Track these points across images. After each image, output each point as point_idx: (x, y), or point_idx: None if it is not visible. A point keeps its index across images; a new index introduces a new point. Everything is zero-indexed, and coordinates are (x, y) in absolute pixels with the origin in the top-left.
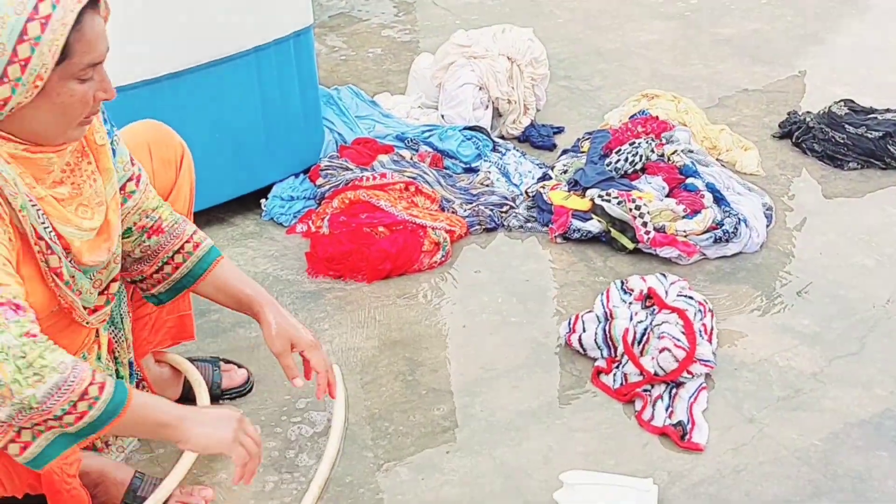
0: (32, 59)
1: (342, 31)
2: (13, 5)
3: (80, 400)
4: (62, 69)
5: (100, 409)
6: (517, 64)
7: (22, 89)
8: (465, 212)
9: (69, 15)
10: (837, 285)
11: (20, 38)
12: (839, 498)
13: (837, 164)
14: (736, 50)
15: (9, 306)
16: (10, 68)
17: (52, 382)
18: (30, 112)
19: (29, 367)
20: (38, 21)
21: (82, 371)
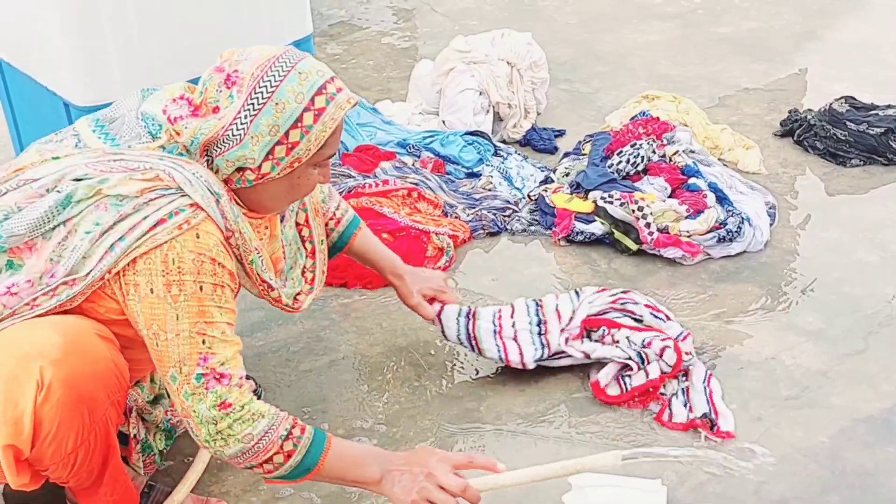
0: (300, 144)
1: (342, 40)
2: (294, 94)
3: (265, 463)
4: (312, 157)
5: (288, 468)
6: (517, 68)
7: (280, 168)
8: (468, 217)
9: (339, 112)
10: (842, 282)
11: (294, 124)
12: (847, 495)
13: (840, 161)
14: (735, 49)
15: (212, 376)
16: (278, 148)
17: (237, 449)
18: (271, 186)
19: (218, 434)
20: (312, 112)
21: (269, 442)
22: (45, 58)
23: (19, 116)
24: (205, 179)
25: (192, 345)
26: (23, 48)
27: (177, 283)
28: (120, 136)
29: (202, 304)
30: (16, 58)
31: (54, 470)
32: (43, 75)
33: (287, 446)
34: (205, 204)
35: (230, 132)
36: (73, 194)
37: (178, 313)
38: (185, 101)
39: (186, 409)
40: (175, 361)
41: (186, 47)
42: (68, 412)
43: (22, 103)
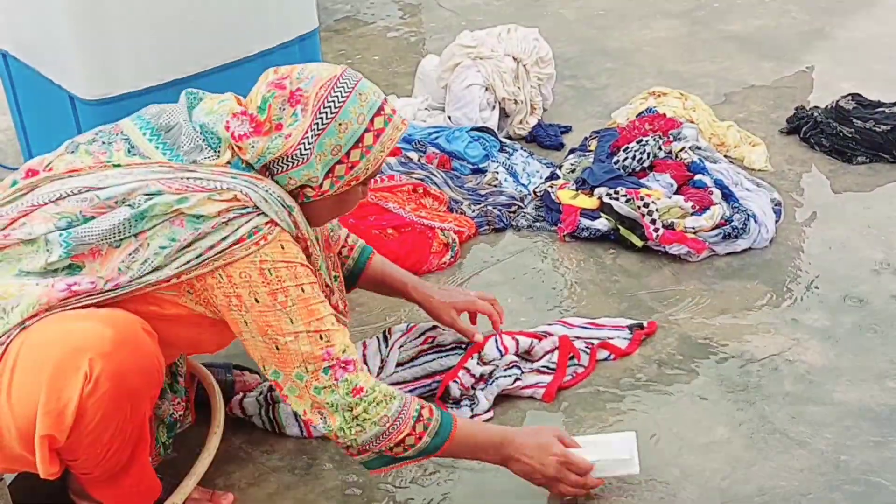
0: (360, 164)
1: (348, 35)
2: (356, 116)
3: (396, 445)
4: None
5: (416, 451)
6: (523, 64)
7: (338, 186)
8: (474, 212)
9: (395, 134)
10: (847, 279)
11: (356, 144)
12: (851, 491)
13: (846, 158)
14: (742, 46)
15: (338, 366)
16: (339, 167)
17: (372, 433)
18: (323, 202)
19: (354, 420)
20: (372, 133)
21: (402, 423)
22: (51, 51)
23: (25, 110)
24: (278, 195)
25: (313, 343)
26: (29, 41)
27: (280, 290)
28: (178, 147)
29: (309, 304)
30: (22, 51)
31: (85, 460)
32: (49, 69)
33: (419, 428)
34: (279, 219)
35: (298, 151)
36: (149, 210)
37: (291, 317)
38: (248, 118)
39: (319, 403)
40: (300, 361)
41: (193, 41)
42: (112, 405)
43: (28, 97)
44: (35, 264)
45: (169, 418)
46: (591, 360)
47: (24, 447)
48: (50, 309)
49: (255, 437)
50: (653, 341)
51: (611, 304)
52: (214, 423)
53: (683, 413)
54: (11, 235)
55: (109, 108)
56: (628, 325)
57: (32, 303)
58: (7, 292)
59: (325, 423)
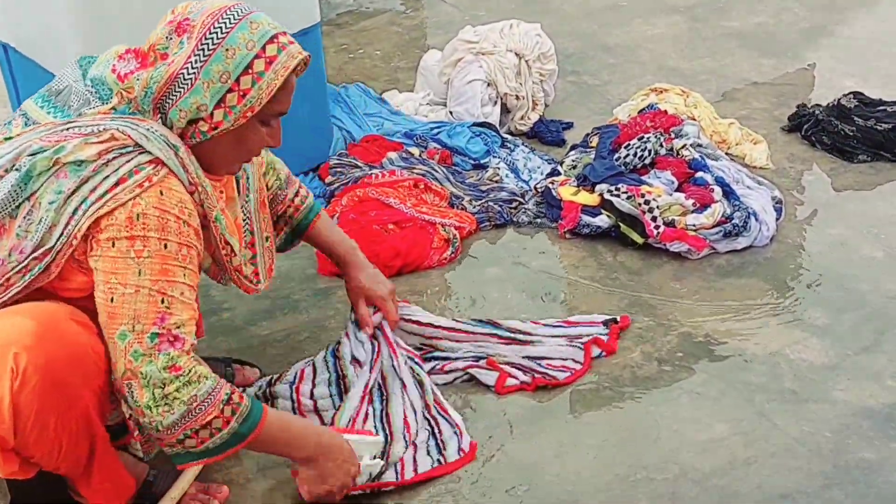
0: (251, 91)
1: (350, 29)
2: (245, 42)
3: (202, 429)
4: (263, 109)
5: (221, 438)
6: (525, 59)
7: (232, 117)
8: (475, 208)
9: (290, 61)
10: (848, 278)
11: (245, 70)
12: (850, 490)
13: (847, 156)
14: (744, 43)
15: (167, 337)
16: (230, 96)
17: (180, 413)
18: (222, 140)
19: (163, 399)
20: (263, 59)
21: (210, 405)
22: (51, 43)
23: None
24: (160, 133)
25: (151, 302)
26: (30, 35)
27: (141, 238)
28: (69, 107)
29: (165, 262)
30: (22, 43)
31: (41, 457)
32: (50, 62)
33: (227, 411)
34: (165, 157)
35: (181, 77)
36: (32, 169)
37: (141, 269)
38: (132, 55)
39: (133, 370)
40: (129, 318)
41: None
42: (46, 398)
43: (29, 89)
44: None
45: None
46: (586, 358)
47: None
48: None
49: None
50: (653, 339)
51: (611, 301)
52: None
53: (683, 410)
54: None
55: None
56: (603, 321)
57: None
58: None
59: (133, 398)
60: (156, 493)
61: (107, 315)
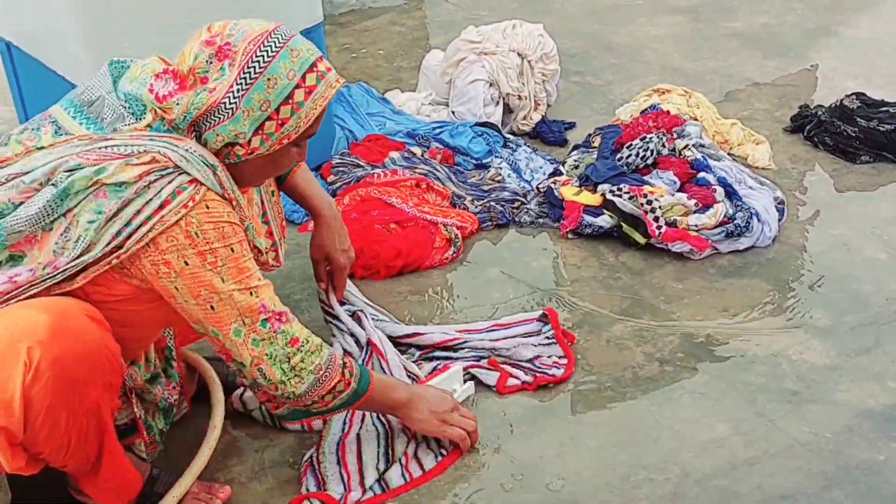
0: (290, 121)
1: (352, 29)
2: (286, 72)
3: (327, 394)
4: (300, 135)
5: (342, 399)
6: (528, 60)
7: (269, 144)
8: (477, 208)
9: (329, 91)
10: (850, 279)
11: (286, 100)
12: (851, 490)
13: (849, 157)
14: (747, 44)
15: (274, 318)
16: (268, 124)
17: (310, 382)
18: (254, 162)
19: (292, 370)
20: (303, 89)
21: (333, 371)
22: (54, 42)
23: (28, 101)
24: (199, 154)
25: (246, 299)
26: (32, 32)
27: (209, 251)
28: (102, 120)
29: (238, 263)
30: (26, 42)
31: (49, 453)
32: (52, 59)
33: (346, 374)
34: (203, 178)
35: (222, 105)
36: (70, 186)
37: (223, 276)
38: (170, 75)
39: (258, 356)
40: (236, 317)
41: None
42: (58, 393)
43: (31, 88)
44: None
45: (164, 402)
46: (565, 350)
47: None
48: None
49: (256, 432)
50: (654, 339)
51: (612, 302)
52: (215, 417)
53: (684, 411)
54: None
55: None
56: (537, 318)
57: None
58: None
59: (266, 378)
60: (158, 492)
61: (212, 323)
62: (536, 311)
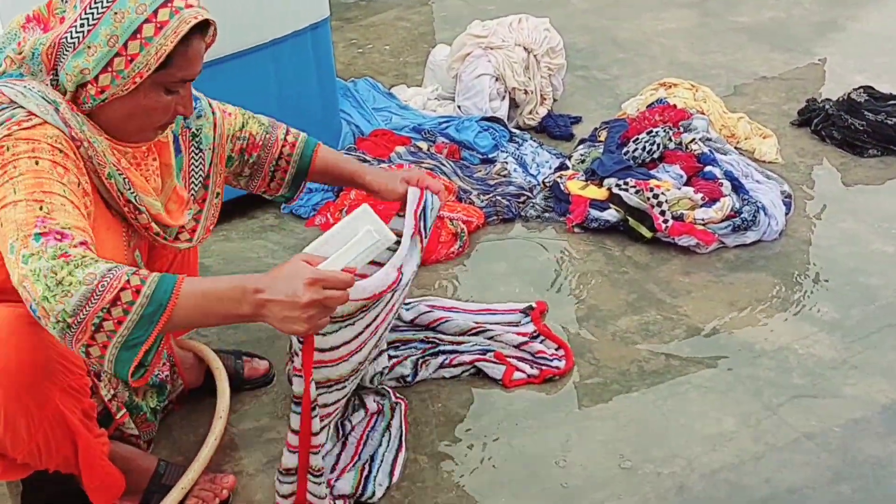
0: (139, 56)
1: (359, 24)
2: (135, 5)
3: (112, 306)
4: (159, 76)
5: (137, 313)
6: (534, 54)
7: (120, 82)
8: (483, 202)
9: (183, 27)
10: (857, 272)
11: (133, 35)
12: (858, 484)
13: (857, 151)
14: (754, 37)
15: (52, 235)
16: (117, 59)
17: (80, 294)
18: (117, 106)
19: (58, 285)
20: (153, 24)
21: (113, 279)
22: None
23: None
24: (38, 90)
25: (29, 211)
26: None
27: (12, 163)
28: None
29: (39, 176)
30: None
31: (24, 458)
32: None
33: (134, 280)
34: (41, 112)
35: (65, 39)
36: None
37: (15, 187)
38: (34, 21)
39: (24, 273)
40: (13, 230)
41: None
42: (11, 403)
43: None
44: None
45: (155, 379)
46: (560, 342)
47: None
48: None
49: (263, 424)
50: (660, 333)
51: (619, 296)
52: (220, 407)
53: (691, 405)
54: None
55: None
56: (521, 309)
57: None
58: None
59: (32, 298)
60: (166, 484)
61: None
62: (523, 303)
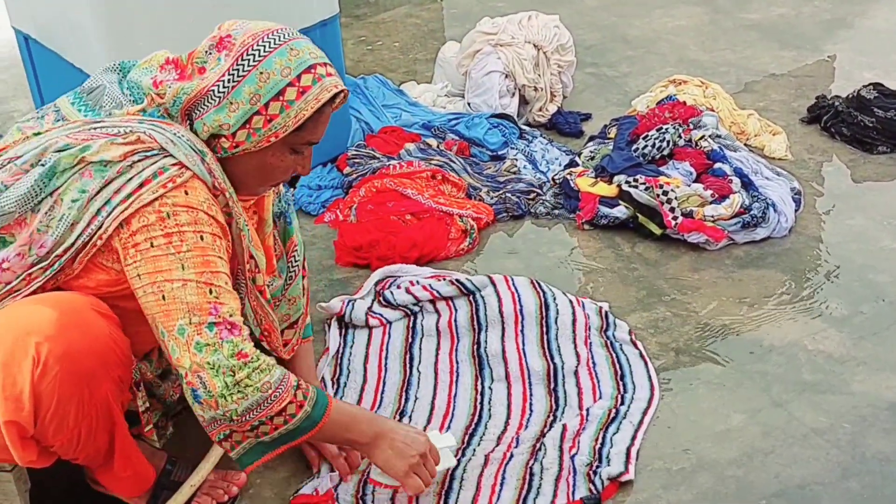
0: (278, 118)
1: (368, 21)
2: (281, 67)
3: (276, 415)
4: (290, 137)
5: (294, 424)
6: (543, 51)
7: (255, 139)
8: (492, 199)
9: (324, 94)
10: (866, 269)
11: (276, 96)
12: (867, 480)
13: (866, 147)
14: (764, 35)
15: (225, 326)
16: (256, 118)
17: (254, 400)
18: (244, 159)
19: (235, 385)
20: (296, 88)
21: (284, 391)
22: (71, 35)
23: (46, 92)
24: (187, 139)
25: (201, 294)
26: (50, 25)
27: (177, 234)
28: (100, 108)
29: (206, 253)
30: (43, 35)
31: (60, 447)
32: (69, 52)
33: (299, 395)
34: (189, 163)
35: (211, 93)
36: (56, 165)
37: (184, 263)
38: (172, 65)
39: (199, 363)
40: (184, 312)
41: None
42: (67, 387)
43: (49, 79)
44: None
45: (169, 400)
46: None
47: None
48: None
49: None
50: (670, 329)
51: (628, 292)
52: None
53: (700, 401)
54: None
55: None
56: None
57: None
58: None
59: (205, 389)
60: (175, 481)
61: (162, 314)
62: None
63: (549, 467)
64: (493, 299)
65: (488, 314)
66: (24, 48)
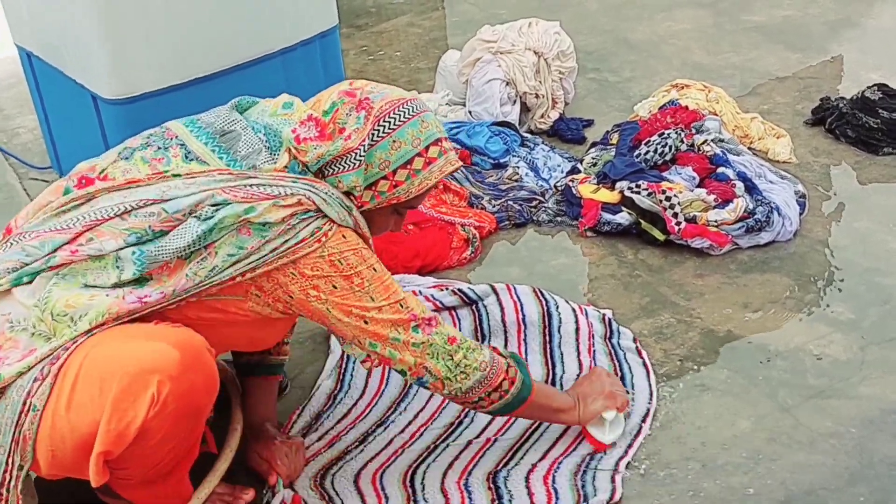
0: (403, 184)
1: (369, 31)
2: (412, 138)
3: (494, 391)
4: (406, 202)
5: (507, 400)
6: (544, 58)
7: (378, 201)
8: (494, 207)
9: (448, 167)
10: (872, 272)
11: (404, 164)
12: (875, 485)
13: (872, 149)
14: (767, 37)
15: (425, 323)
16: (382, 182)
17: (476, 379)
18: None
19: (457, 367)
20: (424, 158)
21: (498, 368)
22: (74, 52)
23: (49, 109)
24: (337, 197)
25: (395, 311)
26: (52, 42)
27: (355, 274)
28: (236, 153)
29: (383, 280)
30: (45, 51)
31: (133, 470)
32: (72, 69)
33: (511, 373)
34: (340, 219)
35: (352, 155)
36: (220, 223)
37: (371, 295)
38: (313, 122)
39: (420, 357)
40: (391, 327)
41: (214, 40)
42: (175, 424)
43: (52, 96)
44: (104, 280)
45: None
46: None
47: (76, 457)
48: (118, 318)
49: None
50: (674, 336)
51: (632, 299)
52: (235, 420)
53: (706, 407)
54: (80, 252)
55: (132, 107)
56: None
57: (102, 312)
58: (77, 302)
59: (432, 375)
60: None
61: (368, 336)
62: None
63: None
64: (496, 309)
65: (491, 324)
66: (26, 65)
